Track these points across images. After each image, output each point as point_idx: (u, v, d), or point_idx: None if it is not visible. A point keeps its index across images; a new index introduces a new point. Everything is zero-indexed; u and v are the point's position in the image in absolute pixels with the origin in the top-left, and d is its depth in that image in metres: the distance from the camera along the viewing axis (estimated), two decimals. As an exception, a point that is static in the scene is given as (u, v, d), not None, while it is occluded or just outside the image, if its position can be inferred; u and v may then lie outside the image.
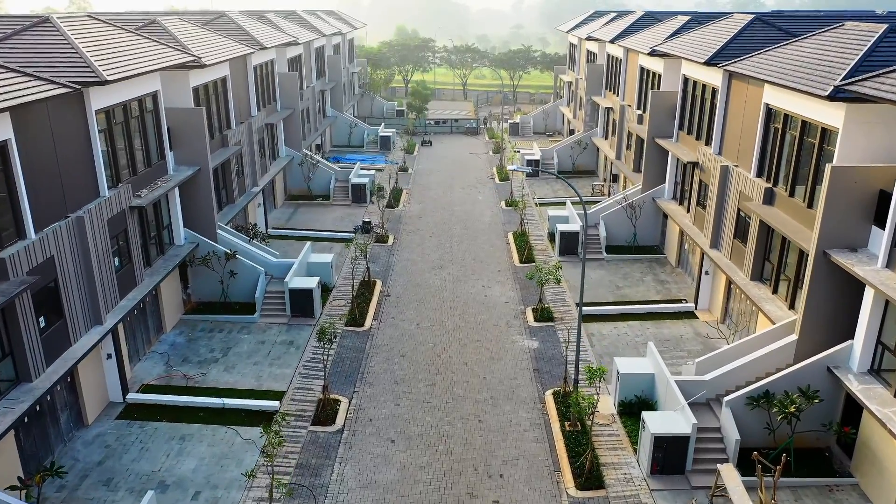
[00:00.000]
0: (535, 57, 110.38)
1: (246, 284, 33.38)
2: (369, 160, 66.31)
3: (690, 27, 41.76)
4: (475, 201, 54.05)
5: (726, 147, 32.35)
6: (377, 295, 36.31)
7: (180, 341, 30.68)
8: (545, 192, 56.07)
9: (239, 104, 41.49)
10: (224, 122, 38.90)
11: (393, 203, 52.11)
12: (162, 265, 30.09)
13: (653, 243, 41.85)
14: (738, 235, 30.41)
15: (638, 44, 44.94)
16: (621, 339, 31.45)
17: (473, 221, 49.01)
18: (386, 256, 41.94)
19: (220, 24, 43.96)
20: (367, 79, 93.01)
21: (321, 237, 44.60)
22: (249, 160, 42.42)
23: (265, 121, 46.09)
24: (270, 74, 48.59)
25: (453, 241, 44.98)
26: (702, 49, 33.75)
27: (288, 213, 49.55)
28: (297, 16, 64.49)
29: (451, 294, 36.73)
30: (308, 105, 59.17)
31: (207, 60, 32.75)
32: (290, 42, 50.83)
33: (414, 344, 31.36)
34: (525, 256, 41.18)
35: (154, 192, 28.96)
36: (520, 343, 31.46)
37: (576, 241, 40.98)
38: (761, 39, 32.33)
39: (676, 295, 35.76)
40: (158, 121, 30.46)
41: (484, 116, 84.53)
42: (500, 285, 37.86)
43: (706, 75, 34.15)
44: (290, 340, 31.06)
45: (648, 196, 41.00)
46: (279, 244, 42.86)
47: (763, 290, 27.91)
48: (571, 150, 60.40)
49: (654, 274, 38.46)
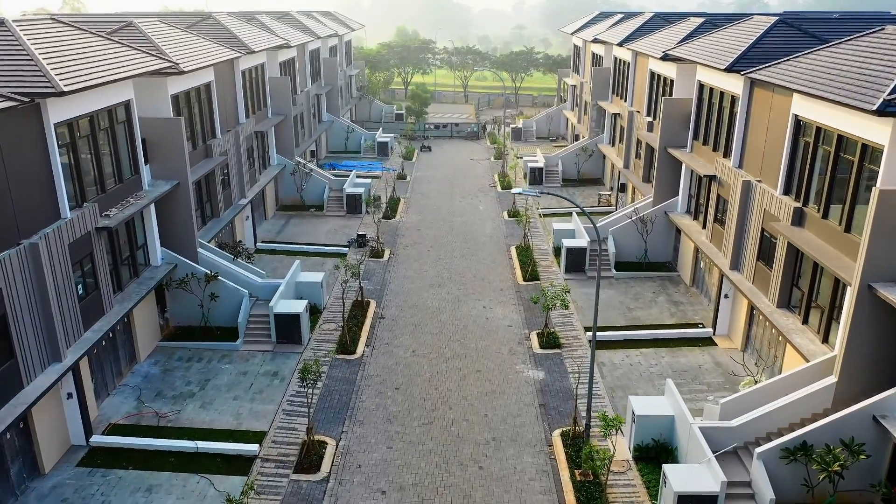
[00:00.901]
0: (538, 59, 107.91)
1: (228, 308, 30.93)
2: (366, 167, 63.89)
3: (705, 30, 39.26)
4: (476, 211, 51.57)
5: (748, 160, 29.86)
6: (371, 317, 33.84)
7: (155, 372, 28.20)
8: (549, 201, 53.56)
9: (225, 111, 39.04)
10: (208, 131, 36.45)
11: (390, 213, 49.67)
12: (135, 289, 27.64)
13: (665, 259, 39.34)
14: (763, 258, 27.92)
15: (649, 47, 42.45)
16: (634, 369, 28.95)
17: (474, 234, 46.53)
18: (381, 273, 39.46)
19: (205, 26, 41.49)
20: (365, 81, 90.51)
21: (313, 251, 42.16)
22: (237, 171, 39.97)
23: (254, 128, 43.64)
24: (261, 79, 46.13)
25: (453, 255, 42.51)
26: (721, 54, 31.26)
27: (279, 224, 47.09)
28: (291, 17, 61.97)
29: (449, 316, 34.24)
30: (302, 110, 56.74)
31: (186, 66, 30.29)
32: (282, 45, 48.38)
33: (409, 374, 28.88)
34: (529, 274, 38.69)
35: (125, 210, 26.50)
36: (524, 373, 28.98)
37: (583, 257, 38.48)
38: (786, 44, 29.83)
39: (692, 318, 33.26)
40: (132, 132, 28.01)
41: (485, 124, 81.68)
42: (502, 306, 35.37)
43: (725, 82, 31.66)
44: (275, 371, 28.58)
45: (660, 210, 38.49)
46: (268, 260, 40.43)
47: (791, 320, 25.41)
48: (577, 157, 57.90)
49: (667, 294, 35.95)
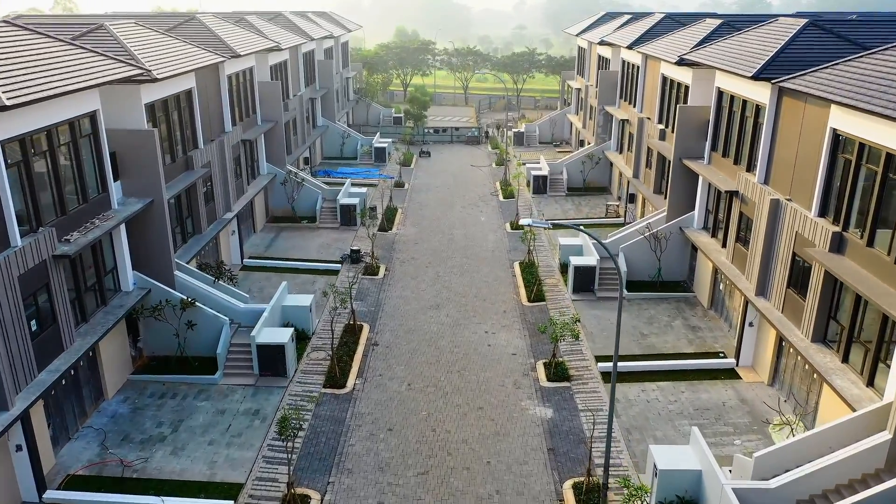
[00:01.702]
0: (540, 60, 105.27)
1: (207, 336, 28.34)
2: (362, 174, 61.29)
3: (723, 33, 36.62)
4: (477, 222, 48.96)
5: (775, 176, 27.24)
6: (363, 344, 31.24)
7: (123, 411, 25.60)
8: (554, 211, 50.96)
9: (209, 119, 36.43)
10: (189, 142, 33.84)
11: (386, 225, 47.07)
12: (102, 319, 25.04)
13: (680, 278, 36.72)
14: (794, 285, 25.30)
15: (661, 51, 39.82)
16: (652, 406, 26.34)
17: (475, 248, 43.92)
18: (376, 293, 36.86)
19: (188, 29, 38.87)
20: (362, 84, 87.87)
21: (304, 268, 39.55)
22: (221, 183, 37.36)
23: (242, 136, 41.04)
24: (249, 84, 43.51)
25: (452, 272, 39.89)
26: (745, 60, 28.64)
27: (268, 238, 44.47)
28: (284, 18, 59.32)
29: (449, 342, 31.64)
30: (295, 115, 54.15)
31: (161, 73, 27.68)
32: (272, 48, 45.78)
33: (404, 412, 26.27)
34: (534, 294, 36.07)
35: (89, 234, 23.90)
36: (530, 411, 26.37)
37: (591, 276, 35.86)
38: (818, 49, 27.22)
39: (712, 346, 30.64)
40: (98, 146, 25.42)
41: (486, 129, 78.67)
42: (505, 331, 32.76)
43: (749, 90, 29.06)
44: (256, 409, 25.98)
45: (675, 225, 35.87)
46: (255, 278, 37.83)
47: (829, 358, 22.80)
48: (582, 164, 55.26)
49: (683, 318, 33.32)
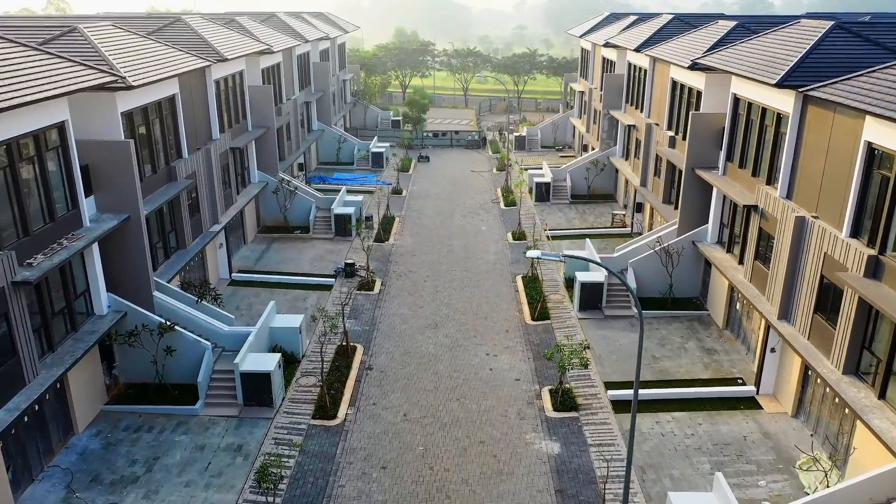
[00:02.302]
0: (541, 61, 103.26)
1: (188, 362, 26.37)
2: (359, 180, 59.32)
3: (738, 35, 34.63)
4: (477, 232, 46.96)
5: (800, 191, 25.27)
6: (356, 368, 29.29)
7: (94, 447, 23.61)
8: (557, 219, 48.97)
9: (195, 127, 34.46)
10: (172, 152, 31.87)
11: (382, 235, 45.09)
12: (71, 348, 23.06)
13: (691, 295, 34.74)
14: (823, 311, 23.32)
15: (672, 54, 37.84)
16: (667, 441, 24.35)
17: (476, 260, 41.93)
18: (370, 310, 34.88)
19: (173, 31, 36.84)
20: (360, 86, 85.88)
21: (295, 283, 37.57)
22: (208, 194, 35.39)
23: (231, 144, 39.06)
24: (239, 89, 41.54)
25: (451, 287, 37.90)
26: (767, 65, 26.66)
27: (259, 250, 42.47)
28: (277, 19, 57.30)
29: (447, 366, 29.66)
30: (288, 120, 52.17)
31: (137, 80, 25.69)
32: (264, 50, 43.81)
33: (399, 447, 24.29)
34: (538, 311, 34.07)
35: (55, 256, 21.92)
36: (536, 445, 24.38)
37: (599, 293, 33.86)
38: (846, 54, 25.25)
39: (730, 371, 28.67)
40: (67, 159, 23.44)
41: (484, 135, 76.09)
42: (508, 353, 30.78)
43: (769, 97, 27.10)
44: (239, 445, 23.99)
45: (687, 239, 33.90)
46: (243, 294, 35.85)
47: (864, 393, 20.83)
48: (587, 170, 53.27)
49: (697, 339, 31.33)
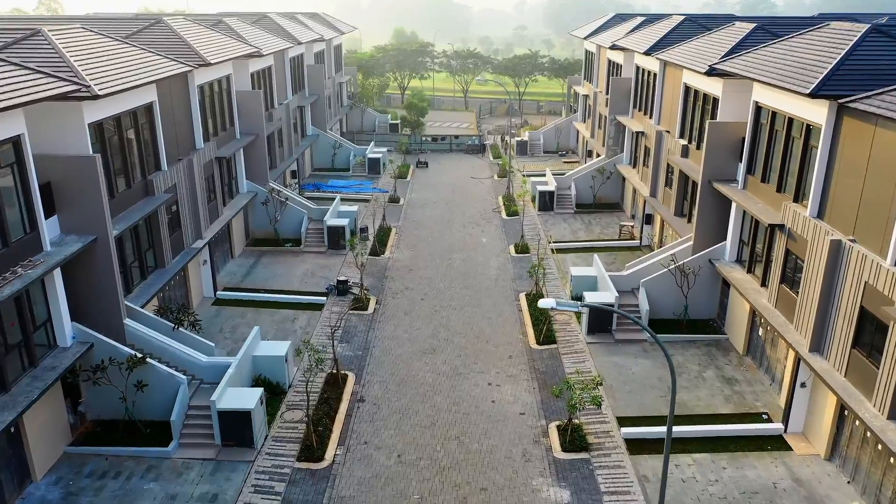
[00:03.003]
0: (543, 63, 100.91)
1: (161, 398, 24.02)
2: (354, 187, 57.00)
3: (758, 38, 32.26)
4: (478, 245, 44.62)
5: (833, 211, 22.94)
6: (347, 400, 26.97)
7: (53, 498, 21.24)
8: (562, 231, 46.64)
9: (176, 136, 32.16)
10: (150, 164, 29.58)
11: (378, 248, 42.75)
12: (27, 387, 20.73)
13: (708, 316, 32.40)
14: (863, 346, 20.99)
15: (685, 58, 35.49)
16: (689, 489, 22.00)
17: (476, 276, 39.58)
18: (364, 332, 32.55)
19: (152, 34, 34.47)
20: (357, 89, 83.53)
21: (284, 301, 35.23)
22: (191, 207, 33.07)
23: (216, 154, 36.73)
24: (225, 94, 39.22)
25: (451, 306, 35.55)
26: (796, 72, 24.31)
27: (247, 265, 40.12)
28: (269, 20, 54.92)
29: (446, 398, 27.32)
30: (280, 126, 49.82)
31: (104, 88, 23.36)
32: (252, 53, 41.49)
33: (392, 495, 21.93)
34: (543, 335, 31.74)
35: (6, 288, 19.59)
36: (543, 493, 22.02)
37: (609, 315, 31.56)
38: (885, 59, 22.93)
39: (753, 405, 26.32)
40: (24, 177, 21.13)
41: (484, 142, 73.17)
42: (511, 382, 28.44)
43: (796, 107, 24.78)
44: (214, 494, 21.64)
45: (704, 257, 31.58)
46: (228, 314, 33.53)
47: (914, 443, 18.54)
48: (592, 178, 50.90)
49: (716, 366, 29.00)
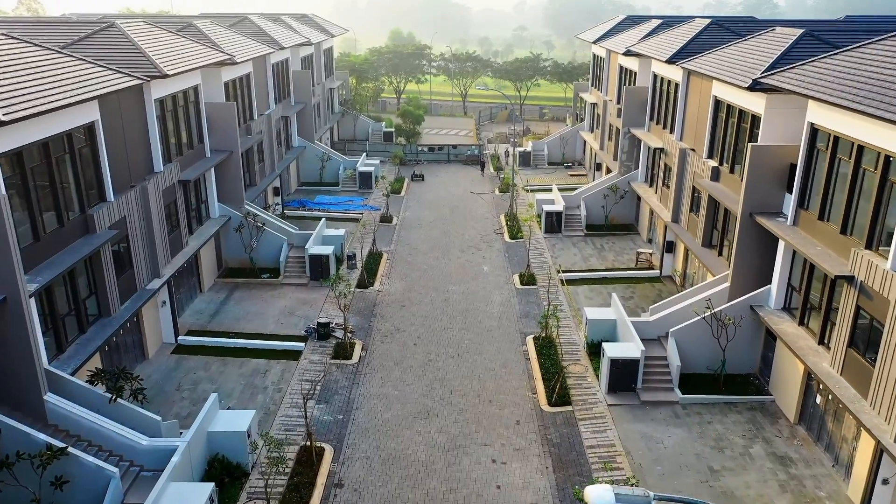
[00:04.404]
0: (545, 67, 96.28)
1: (87, 496, 19.32)
2: (344, 204, 52.33)
3: (809, 48, 27.59)
4: (479, 275, 39.93)
5: (927, 267, 18.35)
6: (322, 484, 22.29)
7: None
8: (572, 257, 41.96)
9: (127, 160, 27.52)
10: (89, 195, 24.92)
11: (367, 279, 38.06)
12: None
13: (747, 370, 27.80)
14: (978, 449, 16.39)
15: (719, 68, 30.82)
16: None
17: (477, 313, 34.91)
18: (346, 388, 27.88)
19: (102, 40, 29.68)
20: (349, 95, 78.80)
21: (255, 348, 30.55)
22: (145, 242, 28.41)
23: (180, 176, 32.07)
24: (193, 107, 34.53)
25: (448, 353, 30.86)
26: (876, 93, 19.68)
27: (217, 301, 35.38)
28: (250, 23, 50.05)
29: (442, 482, 22.60)
30: (261, 139, 45.12)
31: (9, 114, 18.62)
32: (224, 61, 36.78)
33: None
34: (556, 393, 27.02)
35: None
36: None
37: (633, 372, 26.91)
38: None
39: (815, 495, 21.62)
40: None
41: (482, 155, 67.88)
42: (520, 459, 23.74)
43: (869, 133, 20.17)
44: None
45: (744, 304, 26.94)
46: (189, 365, 28.86)
47: None
48: (604, 197, 46.24)
49: (764, 439, 24.31)
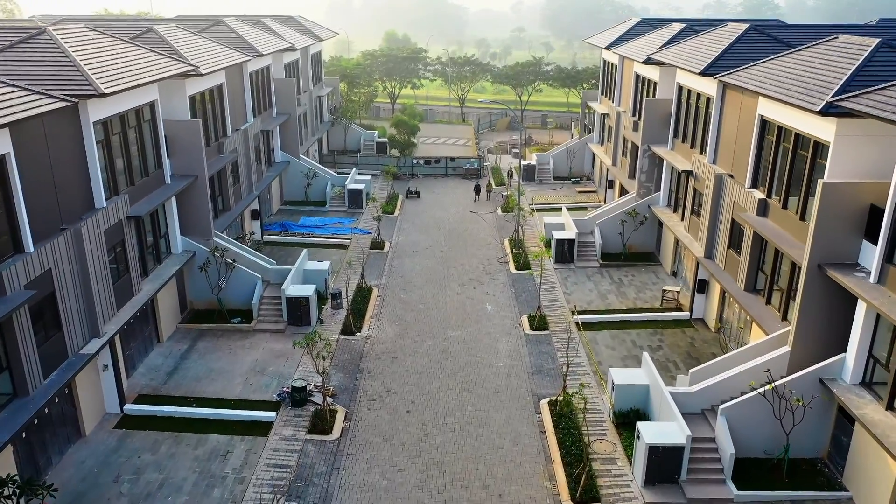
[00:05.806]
0: (548, 71, 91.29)
1: None
2: (331, 227, 47.26)
3: (887, 62, 22.63)
4: (482, 316, 34.87)
5: None
6: None
7: None
8: (587, 294, 36.89)
9: (56, 197, 22.44)
10: (12, 236, 19.88)
11: (353, 323, 33.01)
12: None
13: (813, 454, 22.81)
14: None
15: (772, 86, 25.73)
16: None
17: (481, 368, 29.86)
18: (323, 476, 22.81)
19: (29, 50, 24.42)
20: (339, 103, 73.68)
21: (217, 418, 25.52)
22: (79, 296, 23.31)
23: (129, 212, 26.98)
24: (148, 127, 29.43)
25: (447, 425, 25.78)
26: None
27: (177, 353, 30.24)
28: (224, 27, 44.76)
29: None
30: (236, 158, 40.02)
31: None
32: (188, 72, 31.67)
33: None
34: (582, 484, 21.97)
35: None
36: None
37: (678, 460, 21.87)
38: None
39: None
40: None
41: (481, 177, 62.38)
42: (540, 585, 18.77)
43: None
44: None
45: (812, 376, 21.92)
46: (134, 445, 23.76)
47: None
48: (621, 223, 41.23)
49: (846, 557, 19.41)
